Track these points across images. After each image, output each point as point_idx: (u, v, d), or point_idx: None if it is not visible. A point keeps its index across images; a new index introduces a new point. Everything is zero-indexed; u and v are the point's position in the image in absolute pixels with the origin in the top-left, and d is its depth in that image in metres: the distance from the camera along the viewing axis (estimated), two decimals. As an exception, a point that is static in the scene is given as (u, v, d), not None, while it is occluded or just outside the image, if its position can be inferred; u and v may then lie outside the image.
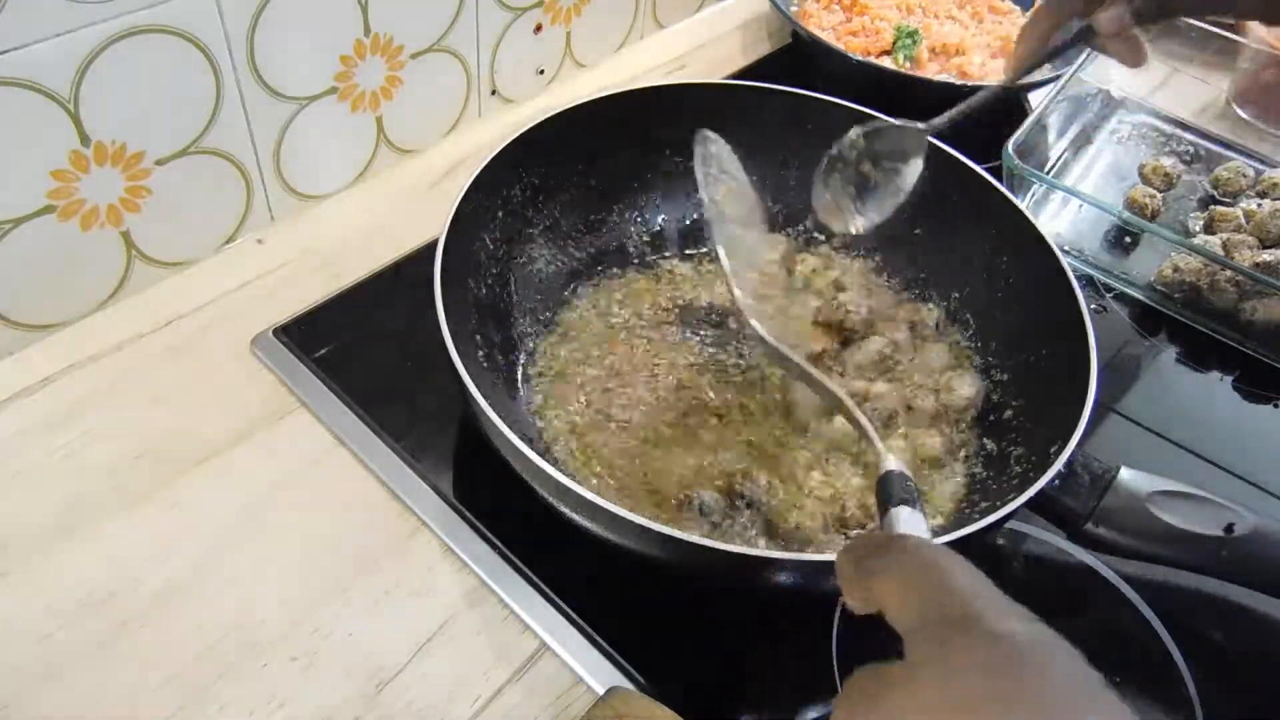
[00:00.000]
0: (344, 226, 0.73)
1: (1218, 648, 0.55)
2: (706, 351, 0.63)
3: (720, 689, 0.51)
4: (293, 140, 0.69)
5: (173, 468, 0.57)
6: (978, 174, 0.64)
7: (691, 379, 0.61)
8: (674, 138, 0.69)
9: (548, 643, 0.51)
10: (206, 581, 0.52)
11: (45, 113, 0.55)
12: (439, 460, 0.58)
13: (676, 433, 0.58)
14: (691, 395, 0.60)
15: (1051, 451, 0.49)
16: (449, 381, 0.48)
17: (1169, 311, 0.74)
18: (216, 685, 0.48)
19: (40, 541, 0.53)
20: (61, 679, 0.48)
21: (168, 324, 0.65)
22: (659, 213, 0.70)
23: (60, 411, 0.59)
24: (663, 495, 0.55)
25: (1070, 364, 0.54)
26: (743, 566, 0.45)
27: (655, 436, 0.57)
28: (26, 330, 0.62)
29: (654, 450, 0.57)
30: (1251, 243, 0.75)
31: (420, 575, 0.54)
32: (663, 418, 0.58)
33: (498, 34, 0.80)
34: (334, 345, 0.64)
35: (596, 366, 0.61)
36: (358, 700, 0.49)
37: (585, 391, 0.60)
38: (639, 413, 0.59)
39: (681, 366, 0.61)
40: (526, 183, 0.63)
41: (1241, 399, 0.71)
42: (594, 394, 0.60)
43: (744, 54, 0.97)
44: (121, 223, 0.62)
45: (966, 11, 0.99)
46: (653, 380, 0.60)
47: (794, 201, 0.71)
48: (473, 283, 0.58)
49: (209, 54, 0.61)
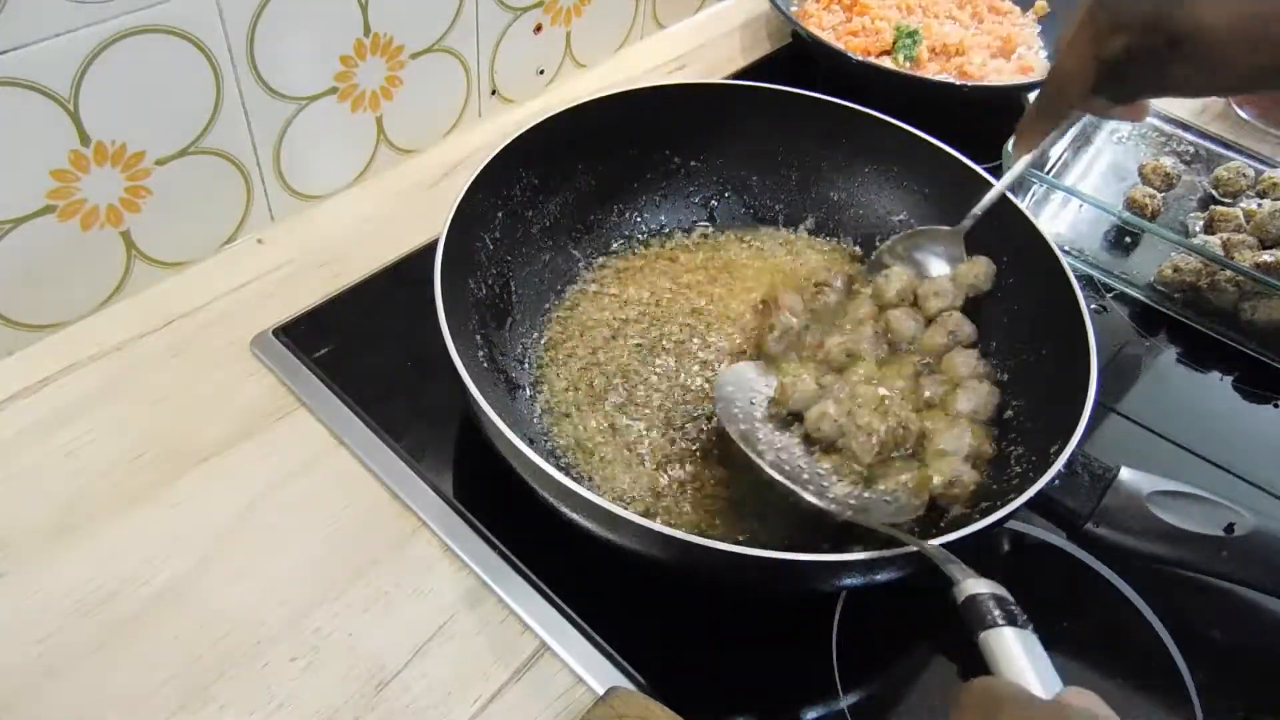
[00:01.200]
0: (344, 226, 0.73)
1: (1218, 648, 0.55)
2: (707, 352, 0.63)
3: (720, 689, 0.51)
4: (293, 140, 0.69)
5: (173, 468, 0.57)
6: (978, 174, 0.64)
7: (694, 379, 0.61)
8: (674, 138, 0.69)
9: (548, 643, 0.51)
10: (206, 581, 0.52)
11: (45, 113, 0.55)
12: (439, 460, 0.58)
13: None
14: (694, 395, 0.60)
15: (1052, 451, 0.49)
16: (449, 381, 0.48)
17: (1169, 311, 0.74)
18: (216, 685, 0.48)
19: (40, 541, 0.53)
20: (61, 679, 0.48)
21: (168, 324, 0.65)
22: (659, 212, 0.70)
23: (60, 411, 0.59)
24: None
25: (1071, 364, 0.54)
26: (743, 566, 0.45)
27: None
28: (26, 330, 0.62)
29: (660, 450, 0.57)
30: (1251, 243, 0.74)
31: (420, 575, 0.54)
32: (665, 418, 0.58)
33: (498, 34, 0.80)
34: (334, 345, 0.64)
35: (597, 366, 0.61)
36: (358, 700, 0.49)
37: (587, 391, 0.60)
38: (641, 412, 0.59)
39: (683, 367, 0.61)
40: (526, 183, 0.63)
41: (1241, 399, 0.71)
42: (596, 393, 0.60)
43: (744, 54, 0.97)
44: (121, 223, 0.62)
45: (966, 11, 0.99)
46: (655, 380, 0.60)
47: (794, 201, 0.71)
48: (473, 283, 0.58)
49: (209, 54, 0.61)
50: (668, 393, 0.60)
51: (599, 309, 0.65)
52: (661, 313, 0.65)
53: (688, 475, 0.56)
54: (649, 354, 0.62)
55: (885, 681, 0.52)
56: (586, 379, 0.60)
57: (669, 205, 0.70)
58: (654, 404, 0.59)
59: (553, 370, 0.61)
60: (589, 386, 0.60)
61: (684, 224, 0.71)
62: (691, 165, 0.70)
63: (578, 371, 0.61)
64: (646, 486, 0.55)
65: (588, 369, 0.61)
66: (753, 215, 0.71)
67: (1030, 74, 0.92)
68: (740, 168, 0.71)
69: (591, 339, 0.63)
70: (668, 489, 0.55)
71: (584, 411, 0.59)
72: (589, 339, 0.63)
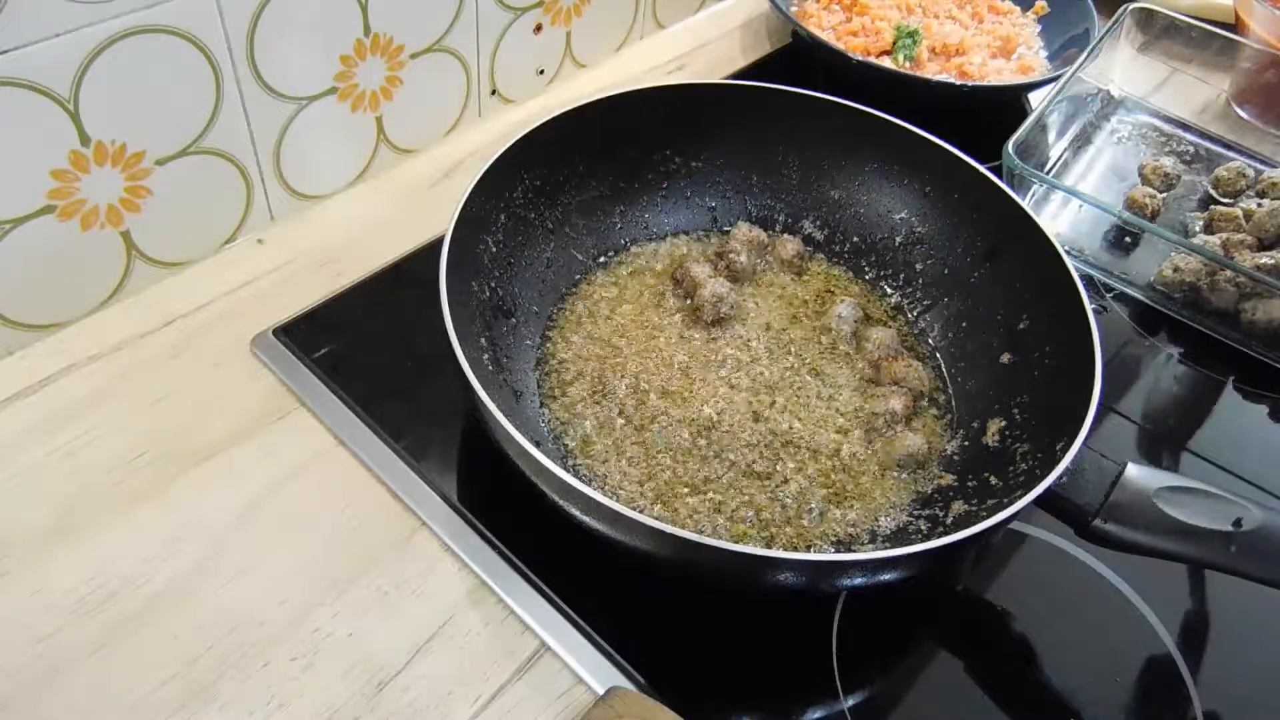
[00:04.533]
0: (344, 226, 0.73)
1: (1218, 648, 0.55)
2: (709, 352, 0.63)
3: (720, 689, 0.51)
4: (293, 140, 0.69)
5: (173, 468, 0.57)
6: (980, 173, 0.64)
7: (697, 379, 0.61)
8: (674, 138, 0.69)
9: (548, 643, 0.51)
10: (206, 581, 0.52)
11: (45, 113, 0.55)
12: (439, 460, 0.58)
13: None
14: (699, 398, 0.60)
15: (1058, 449, 0.49)
16: (449, 381, 0.48)
17: (1169, 311, 0.74)
18: (216, 685, 0.48)
19: (40, 541, 0.53)
20: (61, 678, 0.48)
21: (168, 324, 0.65)
22: (660, 213, 0.70)
23: (60, 411, 0.59)
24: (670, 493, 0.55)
25: (1074, 361, 0.54)
26: (743, 566, 0.45)
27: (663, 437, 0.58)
28: (26, 330, 0.62)
29: (662, 451, 0.57)
30: (1251, 243, 0.75)
31: (420, 575, 0.54)
32: (668, 418, 0.58)
33: (498, 34, 0.80)
34: (334, 345, 0.64)
35: (601, 367, 0.61)
36: (358, 700, 0.49)
37: (590, 392, 0.60)
38: (644, 413, 0.59)
39: (687, 367, 0.61)
40: (528, 186, 0.63)
41: (1241, 399, 0.71)
42: (600, 394, 0.59)
43: (744, 54, 0.97)
44: (121, 223, 0.62)
45: (966, 11, 0.99)
46: (657, 381, 0.60)
47: (794, 201, 0.71)
48: (476, 286, 0.58)
49: (209, 54, 0.61)
50: (672, 394, 0.60)
51: (602, 310, 0.65)
52: (665, 314, 0.65)
53: (690, 475, 0.56)
54: (652, 355, 0.62)
55: (885, 681, 0.52)
56: (590, 380, 0.60)
57: (670, 206, 0.70)
58: (657, 405, 0.59)
59: (556, 372, 0.61)
60: (593, 387, 0.60)
61: (685, 224, 0.71)
62: (692, 165, 0.70)
63: (581, 373, 0.61)
64: (651, 486, 0.55)
65: (591, 370, 0.61)
66: (753, 215, 0.71)
67: (1030, 74, 0.92)
68: (740, 168, 0.71)
69: (594, 340, 0.63)
70: (670, 489, 0.55)
71: (588, 412, 0.59)
72: (592, 340, 0.63)
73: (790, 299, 0.67)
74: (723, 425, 0.58)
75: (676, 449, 0.57)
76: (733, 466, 0.56)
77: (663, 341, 0.63)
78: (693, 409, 0.59)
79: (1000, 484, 0.54)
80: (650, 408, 0.59)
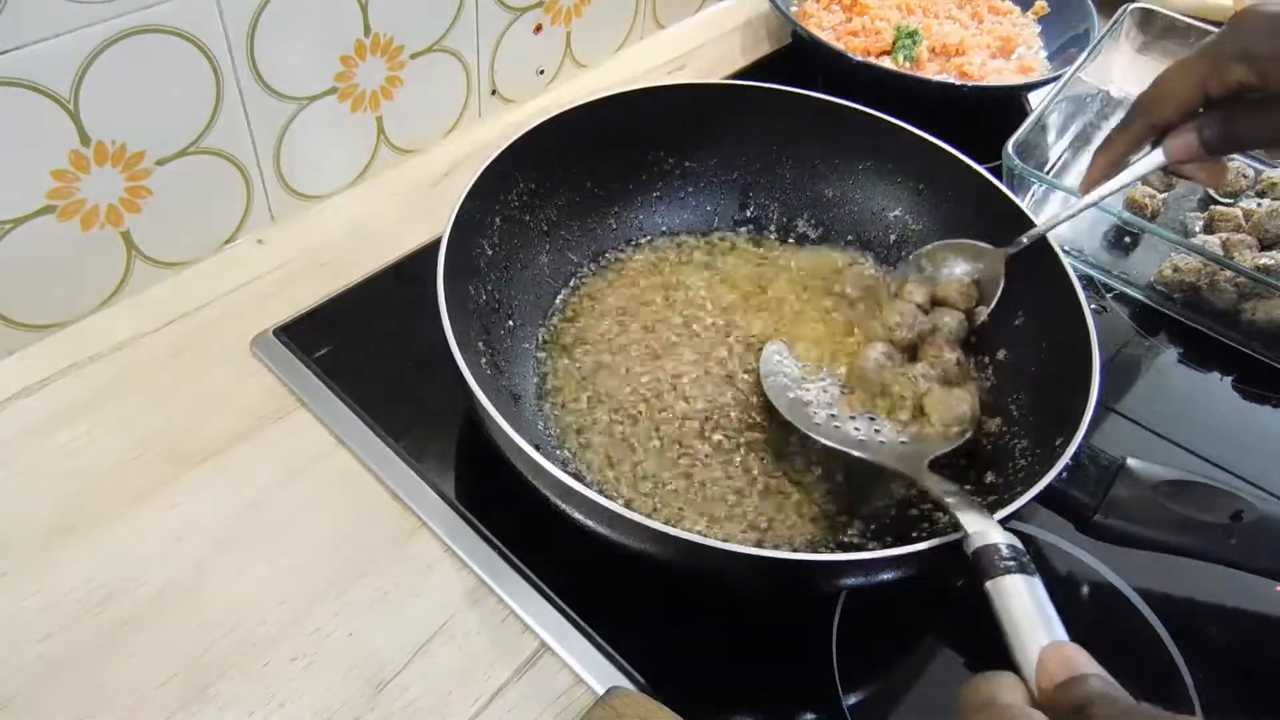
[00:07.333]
0: (344, 226, 0.73)
1: (1218, 648, 0.55)
2: (710, 354, 0.63)
3: (720, 689, 0.51)
4: (293, 140, 0.69)
5: (173, 467, 0.57)
6: (975, 169, 0.64)
7: (696, 383, 0.61)
8: (671, 138, 0.69)
9: (548, 643, 0.51)
10: (207, 581, 0.52)
11: (45, 113, 0.55)
12: (439, 460, 0.58)
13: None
14: (695, 396, 0.60)
15: (1057, 445, 0.49)
16: (449, 381, 0.48)
17: (1169, 311, 0.74)
18: (216, 685, 0.48)
19: (40, 541, 0.53)
20: (61, 679, 0.48)
21: (168, 324, 0.65)
22: (655, 214, 0.70)
23: (60, 411, 0.59)
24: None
25: (1073, 359, 0.54)
26: (743, 566, 0.45)
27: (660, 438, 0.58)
28: (26, 330, 0.62)
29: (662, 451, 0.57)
30: (1251, 243, 0.75)
31: (420, 575, 0.54)
32: (667, 419, 0.58)
33: (498, 34, 0.80)
34: (334, 345, 0.64)
35: (599, 368, 0.61)
36: (358, 700, 0.49)
37: (589, 393, 0.60)
38: (643, 414, 0.59)
39: (686, 369, 0.61)
40: (523, 188, 0.63)
41: (1241, 399, 0.71)
42: (598, 395, 0.60)
43: (744, 54, 0.97)
44: (121, 223, 0.62)
45: (966, 11, 0.99)
46: (655, 382, 0.60)
47: (792, 202, 0.71)
48: (473, 289, 0.58)
49: (209, 54, 0.61)
50: (669, 394, 0.60)
51: (599, 311, 0.65)
52: (661, 314, 0.65)
53: (690, 475, 0.56)
54: (649, 355, 0.62)
55: (886, 681, 0.52)
56: (588, 381, 0.60)
57: (665, 206, 0.70)
58: (655, 405, 0.59)
59: (554, 373, 0.61)
60: (591, 389, 0.60)
61: (682, 225, 0.71)
62: (688, 166, 0.70)
63: (579, 374, 0.61)
64: (650, 487, 0.55)
65: (589, 371, 0.61)
66: (751, 215, 0.71)
67: (1030, 74, 0.92)
68: (739, 168, 0.71)
69: (592, 341, 0.63)
70: (671, 489, 0.55)
71: (587, 413, 0.59)
72: (589, 341, 0.63)
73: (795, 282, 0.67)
74: (722, 425, 0.58)
75: (676, 449, 0.57)
76: (732, 466, 0.56)
77: (661, 342, 0.63)
78: (692, 409, 0.59)
79: (999, 481, 0.54)
80: (649, 408, 0.59)
